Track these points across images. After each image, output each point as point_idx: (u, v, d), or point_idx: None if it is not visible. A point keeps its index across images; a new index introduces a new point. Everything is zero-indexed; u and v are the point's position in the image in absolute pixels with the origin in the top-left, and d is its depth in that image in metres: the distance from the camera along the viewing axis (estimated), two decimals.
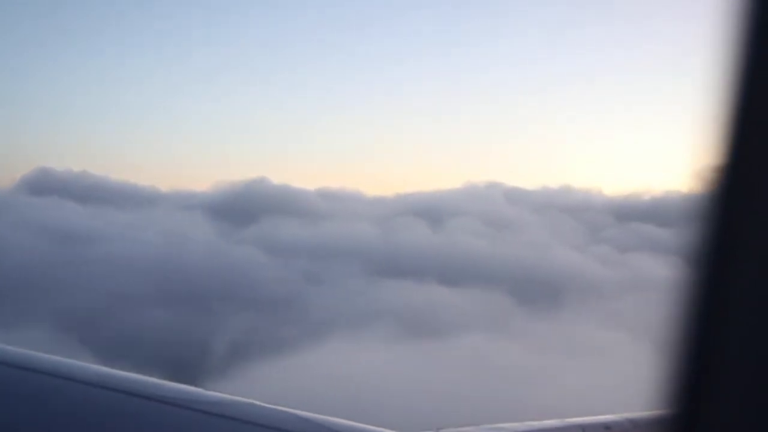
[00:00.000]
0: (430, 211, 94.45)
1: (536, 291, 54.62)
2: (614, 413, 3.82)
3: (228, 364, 33.28)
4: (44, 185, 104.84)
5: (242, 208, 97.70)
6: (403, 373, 30.22)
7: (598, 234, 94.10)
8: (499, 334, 40.50)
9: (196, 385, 3.28)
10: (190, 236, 69.73)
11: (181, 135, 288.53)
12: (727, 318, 1.01)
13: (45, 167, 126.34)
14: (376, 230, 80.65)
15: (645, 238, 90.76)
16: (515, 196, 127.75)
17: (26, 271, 49.83)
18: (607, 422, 3.75)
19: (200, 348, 36.30)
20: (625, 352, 36.87)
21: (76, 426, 2.94)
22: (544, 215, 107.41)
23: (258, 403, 3.18)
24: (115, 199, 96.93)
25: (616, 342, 39.23)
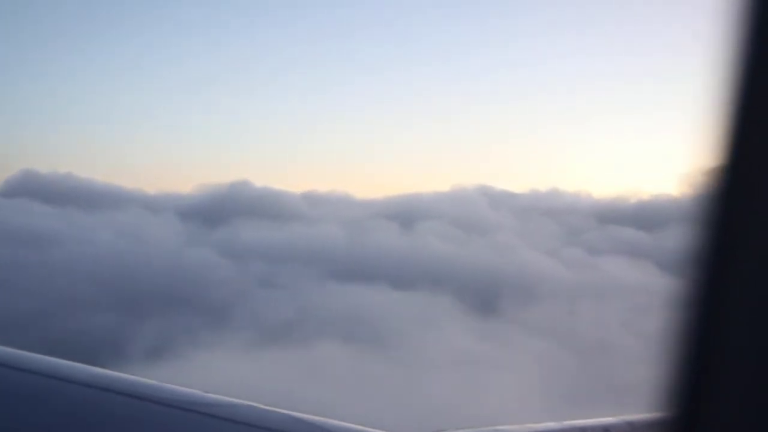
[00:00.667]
0: (410, 214, 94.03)
1: (487, 295, 54.12)
2: (613, 416, 3.80)
3: (132, 365, 32.99)
4: (26, 187, 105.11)
5: (219, 211, 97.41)
6: (259, 379, 29.83)
7: (575, 237, 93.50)
8: (422, 340, 40.10)
9: None
10: (152, 238, 69.52)
11: (172, 137, 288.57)
12: (726, 319, 1.01)
13: (29, 169, 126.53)
14: (347, 233, 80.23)
15: (622, 241, 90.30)
16: (501, 200, 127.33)
17: None
18: (606, 425, 3.74)
19: (111, 349, 35.96)
20: (541, 360, 36.59)
21: (73, 428, 2.94)
22: (525, 218, 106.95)
23: (255, 404, 3.18)
24: (96, 201, 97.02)
25: (537, 350, 38.74)
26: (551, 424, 3.69)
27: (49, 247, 59.19)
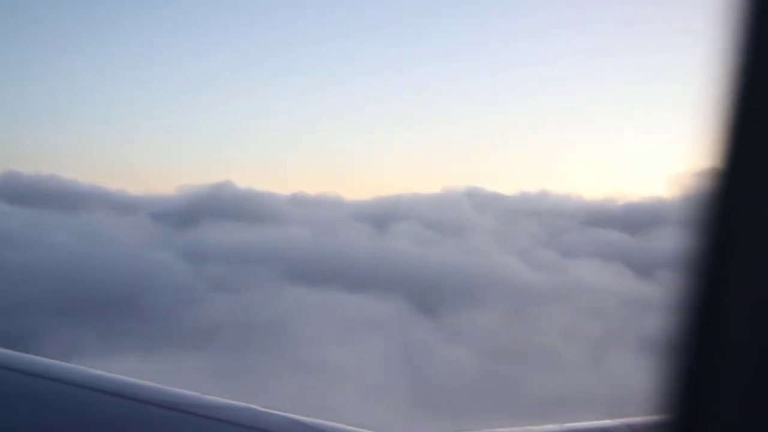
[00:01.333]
0: (390, 215, 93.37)
1: (438, 297, 53.37)
2: (613, 418, 3.78)
3: None
4: (6, 188, 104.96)
5: (199, 212, 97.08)
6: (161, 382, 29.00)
7: (554, 239, 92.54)
8: (343, 343, 39.40)
9: None
10: (115, 240, 69.01)
11: (163, 138, 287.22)
12: (724, 320, 1.01)
13: (12, 170, 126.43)
14: (319, 235, 79.50)
15: (601, 244, 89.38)
16: (488, 202, 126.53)
17: None
18: (605, 427, 3.74)
19: (32, 351, 35.26)
20: (451, 364, 35.87)
21: (71, 429, 2.93)
22: (508, 221, 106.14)
23: (253, 406, 3.17)
24: (77, 203, 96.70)
25: (454, 354, 37.94)
26: (550, 426, 3.68)
27: (4, 250, 58.66)
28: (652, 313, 57.84)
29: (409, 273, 61.51)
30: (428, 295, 53.78)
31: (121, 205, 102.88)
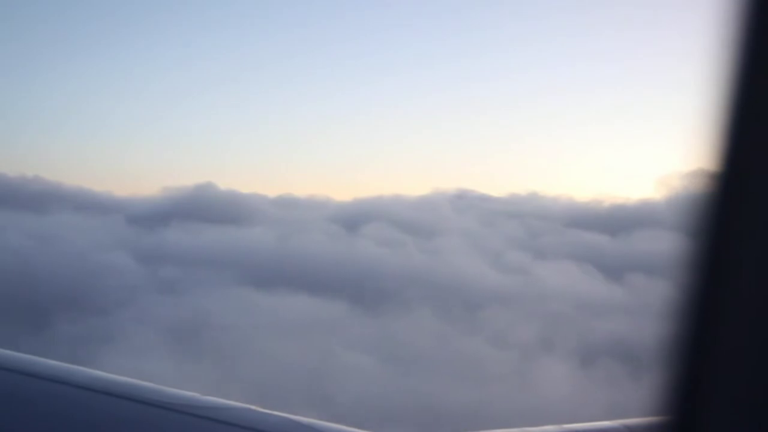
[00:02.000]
0: (364, 217, 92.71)
1: (387, 300, 52.68)
2: (611, 420, 3.74)
3: None
4: None
5: (177, 214, 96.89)
6: None
7: (531, 241, 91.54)
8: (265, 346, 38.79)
9: None
10: (75, 242, 68.67)
11: (152, 141, 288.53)
12: (720, 322, 1.02)
13: None
14: (286, 237, 78.85)
15: (577, 246, 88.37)
16: (475, 203, 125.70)
17: None
18: (604, 428, 3.72)
19: None
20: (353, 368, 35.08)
21: (72, 430, 2.92)
22: (490, 222, 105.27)
23: (252, 407, 3.17)
24: (59, 205, 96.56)
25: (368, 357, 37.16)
26: (549, 428, 3.65)
27: None
28: (606, 316, 57.09)
29: (362, 275, 60.81)
30: (374, 297, 53.07)
31: (103, 207, 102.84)
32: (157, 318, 47.47)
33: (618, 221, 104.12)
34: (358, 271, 62.71)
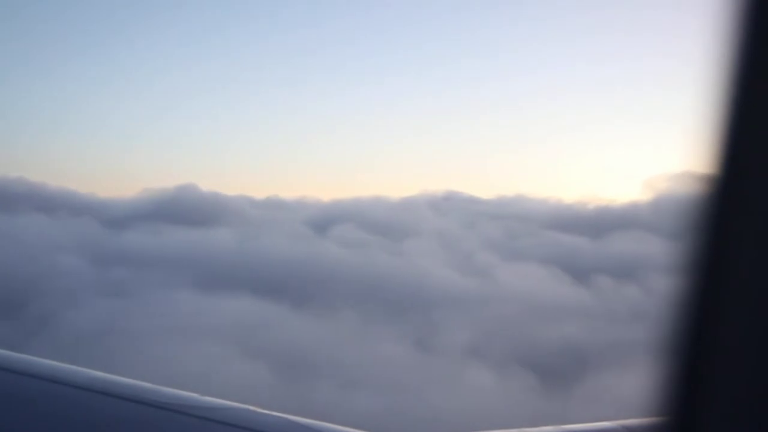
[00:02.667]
0: (339, 218, 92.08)
1: (335, 303, 51.97)
2: (610, 420, 3.73)
3: None
4: None
5: (152, 215, 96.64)
6: None
7: (505, 243, 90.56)
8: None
9: None
10: (31, 244, 68.32)
11: (141, 142, 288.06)
12: (719, 322, 1.03)
13: None
14: (251, 238, 78.26)
15: (552, 247, 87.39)
16: (460, 205, 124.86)
17: None
18: (603, 429, 3.71)
19: None
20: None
21: (69, 430, 2.94)
22: (469, 224, 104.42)
23: (252, 408, 3.19)
24: (38, 206, 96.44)
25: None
26: (548, 428, 3.65)
27: None
28: (558, 320, 56.09)
29: (314, 277, 60.12)
30: (317, 299, 52.40)
31: (81, 208, 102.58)
32: (78, 321, 46.87)
33: (601, 223, 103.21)
34: (311, 273, 62.00)
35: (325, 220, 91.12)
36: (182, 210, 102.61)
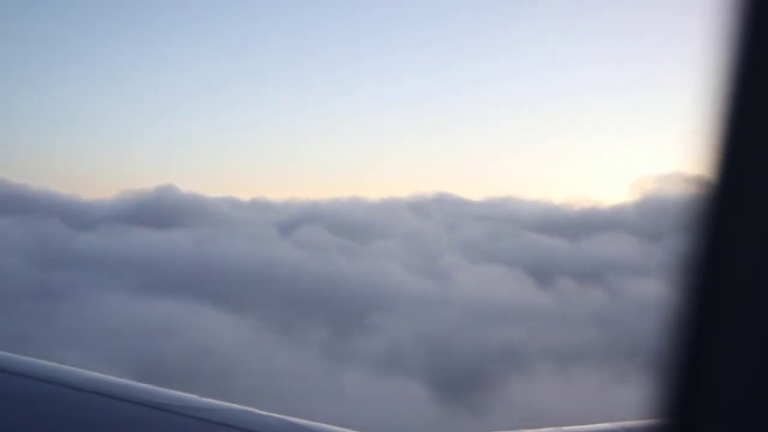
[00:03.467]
0: (311, 219, 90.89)
1: (270, 305, 50.83)
2: (610, 422, 3.71)
3: None
4: None
5: (121, 217, 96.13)
6: None
7: (479, 246, 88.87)
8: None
9: None
10: None
11: (125, 144, 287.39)
12: (719, 323, 1.03)
13: None
14: (207, 241, 76.99)
15: (523, 249, 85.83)
16: (447, 207, 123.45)
17: None
18: (603, 430, 3.71)
19: None
20: None
21: (68, 431, 2.95)
22: (448, 226, 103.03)
23: (251, 409, 3.19)
24: (19, 208, 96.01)
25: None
26: (548, 429, 3.64)
27: None
28: (498, 323, 54.32)
29: (257, 279, 58.91)
30: (254, 302, 51.23)
31: (58, 210, 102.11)
32: (18, 323, 45.95)
33: (584, 225, 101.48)
34: (257, 275, 60.77)
35: (296, 222, 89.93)
36: (159, 212, 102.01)
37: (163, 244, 73.15)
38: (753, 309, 0.98)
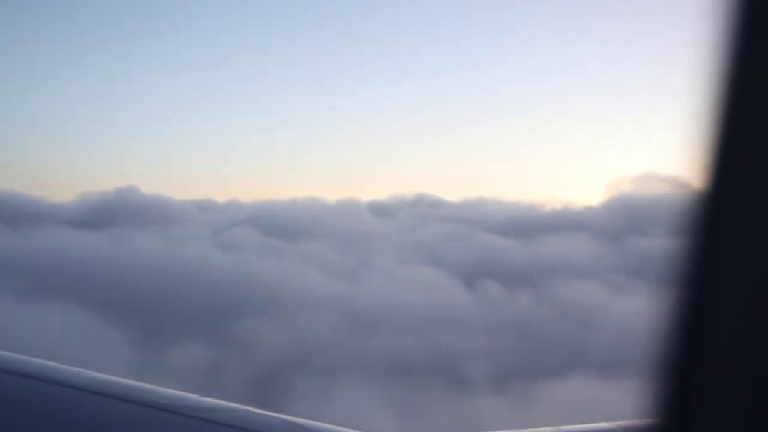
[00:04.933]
0: (254, 221, 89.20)
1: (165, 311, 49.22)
2: (608, 422, 3.71)
3: None
4: None
5: (71, 220, 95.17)
6: None
7: (430, 248, 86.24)
8: None
9: None
10: None
11: (79, 145, 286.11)
12: (714, 325, 1.03)
13: None
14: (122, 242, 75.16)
15: (470, 251, 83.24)
16: (416, 209, 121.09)
17: None
18: (601, 430, 3.73)
19: None
20: None
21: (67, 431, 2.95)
22: (407, 228, 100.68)
23: (252, 409, 3.19)
24: None
25: None
26: (546, 429, 3.65)
27: None
28: (398, 328, 51.70)
29: (168, 282, 57.14)
30: (139, 306, 49.53)
31: (17, 213, 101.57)
32: None
33: (549, 226, 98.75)
34: (155, 277, 58.93)
35: (237, 223, 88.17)
36: (115, 213, 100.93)
37: (75, 247, 71.49)
38: (747, 309, 0.97)
